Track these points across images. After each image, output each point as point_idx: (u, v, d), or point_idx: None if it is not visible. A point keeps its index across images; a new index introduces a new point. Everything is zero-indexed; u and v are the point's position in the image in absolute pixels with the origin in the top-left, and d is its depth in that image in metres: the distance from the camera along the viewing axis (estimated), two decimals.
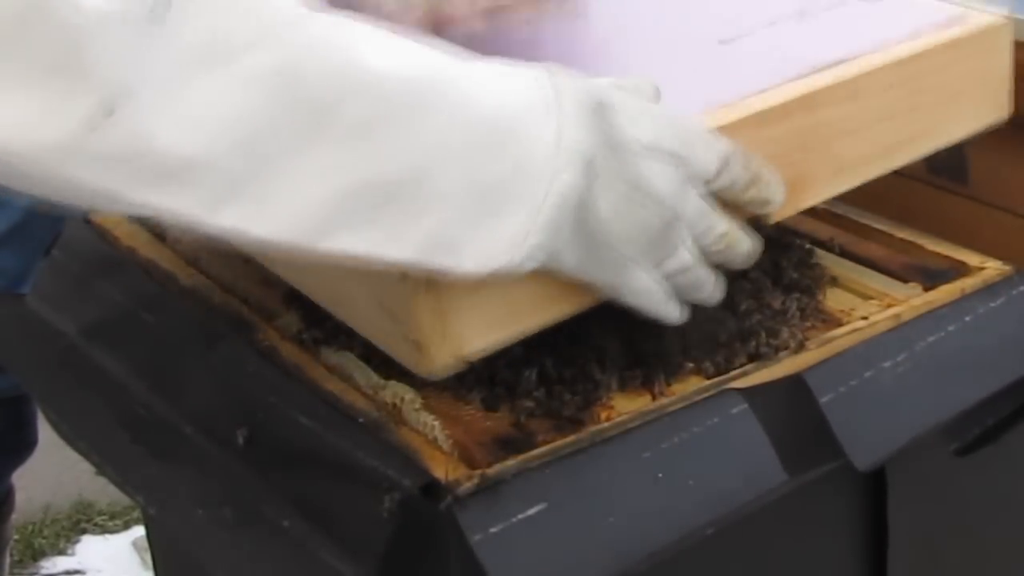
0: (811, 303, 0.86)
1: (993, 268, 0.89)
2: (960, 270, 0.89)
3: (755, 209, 0.76)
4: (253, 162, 0.61)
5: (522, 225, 0.67)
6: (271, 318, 0.88)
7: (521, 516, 0.70)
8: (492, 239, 0.66)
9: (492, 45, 0.74)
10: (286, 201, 0.63)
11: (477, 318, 0.71)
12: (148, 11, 0.58)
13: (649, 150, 0.70)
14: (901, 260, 0.91)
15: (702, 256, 0.74)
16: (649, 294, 0.73)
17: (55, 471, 2.13)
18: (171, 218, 0.62)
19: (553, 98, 0.67)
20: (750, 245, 0.76)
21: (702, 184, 0.72)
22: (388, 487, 0.71)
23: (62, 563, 2.24)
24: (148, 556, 1.36)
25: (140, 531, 2.20)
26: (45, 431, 1.23)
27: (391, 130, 0.63)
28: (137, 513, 2.19)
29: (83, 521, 2.32)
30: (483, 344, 0.72)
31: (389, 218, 0.65)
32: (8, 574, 1.87)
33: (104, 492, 2.29)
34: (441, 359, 0.71)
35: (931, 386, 0.82)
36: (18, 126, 0.57)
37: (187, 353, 0.89)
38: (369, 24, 0.65)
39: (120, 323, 0.95)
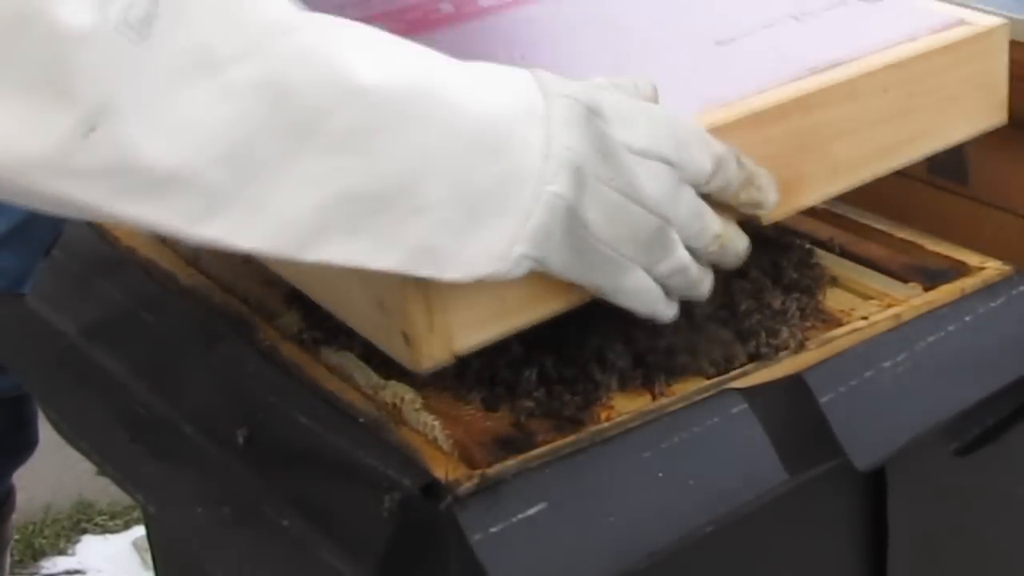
0: (811, 303, 0.85)
1: (993, 268, 0.89)
2: (960, 270, 0.89)
3: (749, 210, 0.76)
4: (239, 174, 0.61)
5: (510, 234, 0.66)
6: (271, 318, 0.87)
7: (521, 516, 0.70)
8: (479, 248, 0.66)
9: (484, 44, 0.74)
10: (272, 212, 0.62)
11: (468, 313, 0.71)
12: (133, 24, 0.57)
13: (641, 155, 0.69)
14: (901, 260, 0.91)
15: (695, 257, 0.74)
16: (641, 296, 0.73)
17: (55, 471, 2.13)
18: (157, 230, 0.62)
19: (542, 105, 0.67)
20: (744, 245, 0.76)
21: (696, 186, 0.72)
22: (388, 487, 0.71)
23: (62, 563, 2.24)
24: (148, 556, 1.37)
25: (140, 531, 2.20)
26: (45, 431, 1.23)
27: (378, 141, 0.63)
28: (137, 513, 2.19)
29: (83, 521, 2.32)
30: (474, 339, 0.72)
31: (376, 228, 0.64)
32: (8, 574, 1.87)
33: (104, 492, 2.29)
34: (431, 353, 0.71)
35: (931, 386, 0.82)
36: (1, 140, 0.57)
37: (187, 353, 0.89)
38: (355, 27, 0.65)
39: (120, 323, 0.95)
